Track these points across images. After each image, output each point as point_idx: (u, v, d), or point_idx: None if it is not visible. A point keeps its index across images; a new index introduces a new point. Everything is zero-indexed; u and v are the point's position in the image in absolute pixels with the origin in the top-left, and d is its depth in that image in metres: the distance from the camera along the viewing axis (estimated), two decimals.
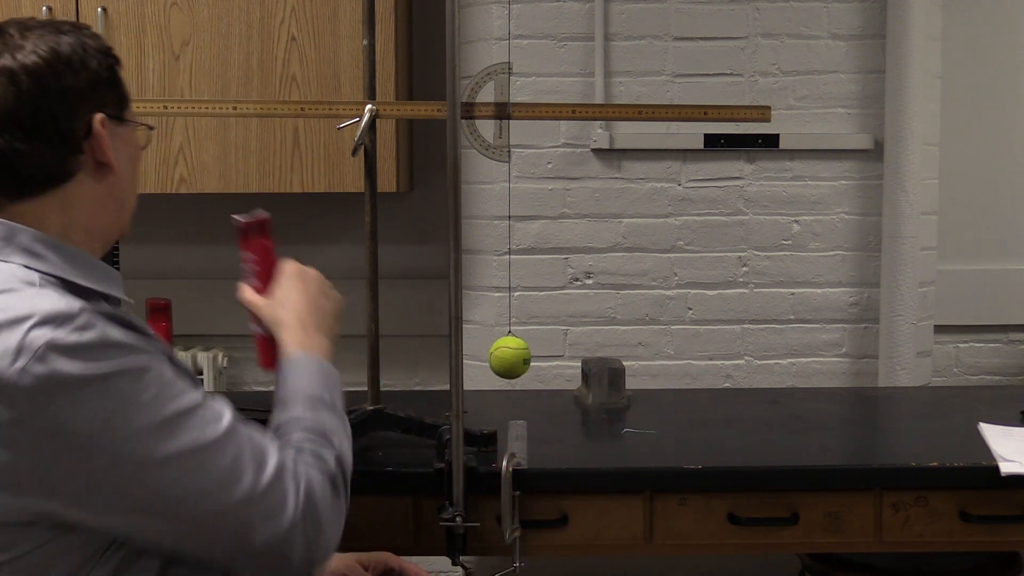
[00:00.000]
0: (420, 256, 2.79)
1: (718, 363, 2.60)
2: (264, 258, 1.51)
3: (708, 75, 2.55)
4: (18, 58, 1.13)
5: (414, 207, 2.79)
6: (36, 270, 1.13)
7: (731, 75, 2.55)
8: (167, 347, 1.19)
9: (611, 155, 2.55)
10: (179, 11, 2.40)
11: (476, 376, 2.31)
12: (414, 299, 2.76)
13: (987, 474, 1.71)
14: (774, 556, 2.48)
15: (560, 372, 2.57)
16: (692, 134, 2.54)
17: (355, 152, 1.76)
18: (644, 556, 2.52)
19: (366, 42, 1.80)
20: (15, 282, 1.09)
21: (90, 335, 1.04)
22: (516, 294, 2.56)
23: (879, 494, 1.74)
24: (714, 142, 2.55)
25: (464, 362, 1.63)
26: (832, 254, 2.59)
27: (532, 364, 1.89)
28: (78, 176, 1.17)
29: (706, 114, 1.89)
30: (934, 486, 1.73)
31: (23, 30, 1.15)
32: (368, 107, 1.77)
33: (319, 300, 1.45)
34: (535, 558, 1.84)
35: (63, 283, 1.13)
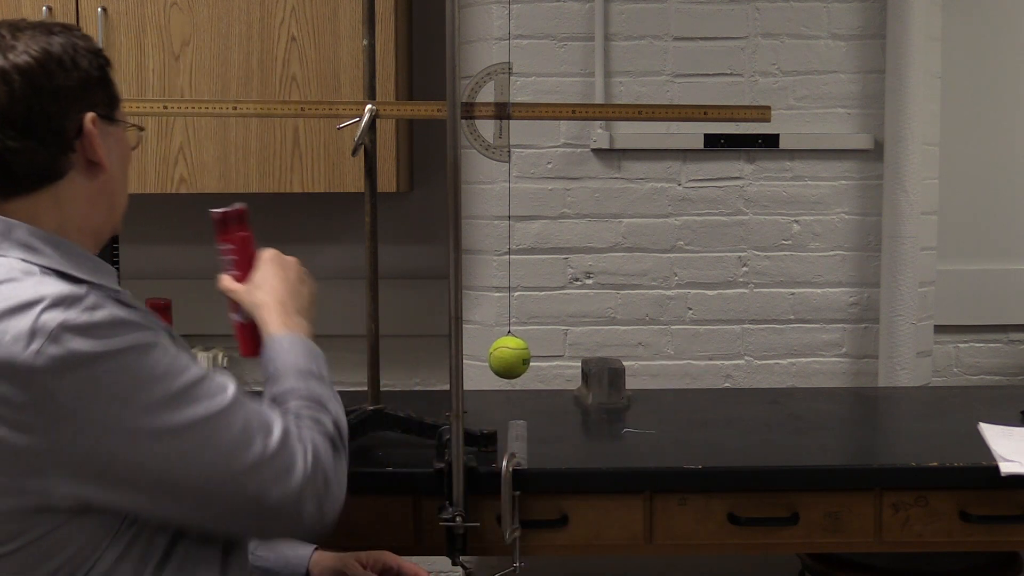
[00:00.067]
0: (420, 256, 2.79)
1: (718, 363, 2.60)
2: (243, 248, 1.54)
3: (708, 75, 2.55)
4: (10, 58, 1.15)
5: (414, 207, 2.79)
6: (34, 263, 1.14)
7: (731, 75, 2.55)
8: (167, 326, 1.22)
9: (611, 155, 2.55)
10: (179, 11, 2.40)
11: (476, 376, 2.31)
12: (414, 299, 2.76)
13: (987, 474, 1.71)
14: (774, 556, 2.48)
15: (560, 372, 2.57)
16: (692, 134, 2.54)
17: (355, 152, 1.77)
18: (644, 556, 2.53)
19: (366, 42, 1.81)
20: (16, 272, 1.12)
21: (100, 314, 1.08)
22: (516, 294, 2.56)
23: (879, 494, 1.74)
24: (714, 142, 2.55)
25: (464, 362, 1.63)
26: (832, 254, 2.59)
27: (532, 364, 1.89)
28: (70, 174, 1.19)
29: (706, 114, 1.89)
30: (934, 486, 1.73)
31: (15, 31, 1.18)
32: (368, 107, 1.77)
33: (297, 285, 1.50)
34: (535, 558, 1.84)
35: (61, 276, 1.15)
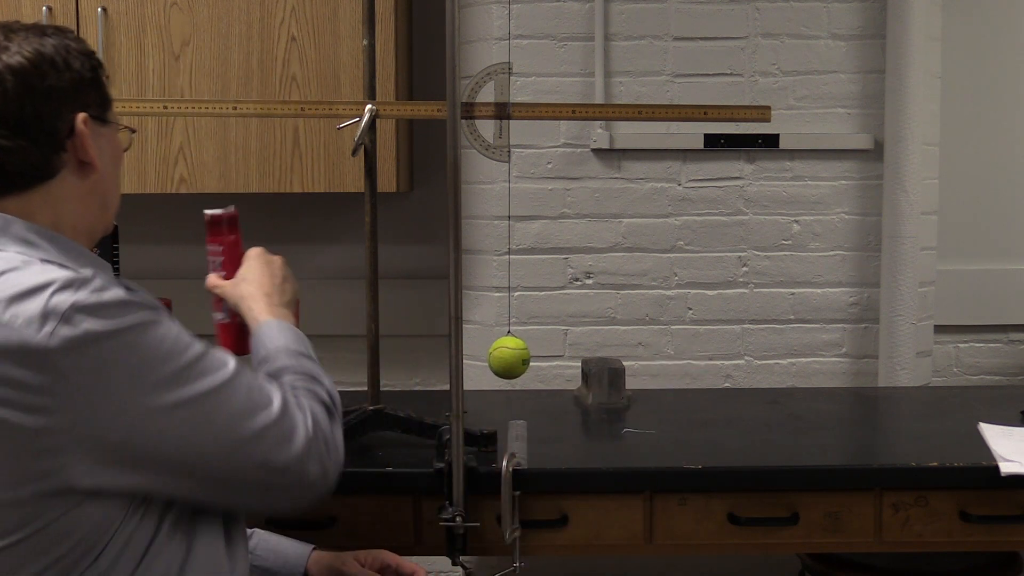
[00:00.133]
0: (420, 256, 2.79)
1: (718, 363, 2.60)
2: (231, 251, 1.61)
3: (708, 75, 2.55)
4: (3, 59, 1.16)
5: (414, 207, 2.79)
6: (33, 257, 1.15)
7: (731, 75, 2.55)
8: (165, 307, 1.24)
9: (611, 155, 2.55)
10: (179, 11, 2.40)
11: (476, 376, 2.31)
12: (414, 299, 2.76)
13: (987, 474, 1.71)
14: (774, 556, 2.48)
15: (560, 372, 2.57)
16: (692, 134, 2.54)
17: (355, 152, 1.77)
18: (644, 556, 2.53)
19: (366, 42, 1.81)
20: (17, 262, 1.13)
21: (109, 295, 1.10)
22: (516, 294, 2.56)
23: (879, 494, 1.74)
24: (714, 142, 2.55)
25: (464, 362, 1.63)
26: (832, 254, 2.59)
27: (532, 364, 1.89)
28: (62, 173, 1.21)
29: (706, 114, 1.89)
30: (934, 486, 1.73)
31: (8, 32, 1.19)
32: (368, 107, 1.77)
33: (281, 282, 1.55)
34: (535, 558, 1.84)
35: (61, 268, 1.16)
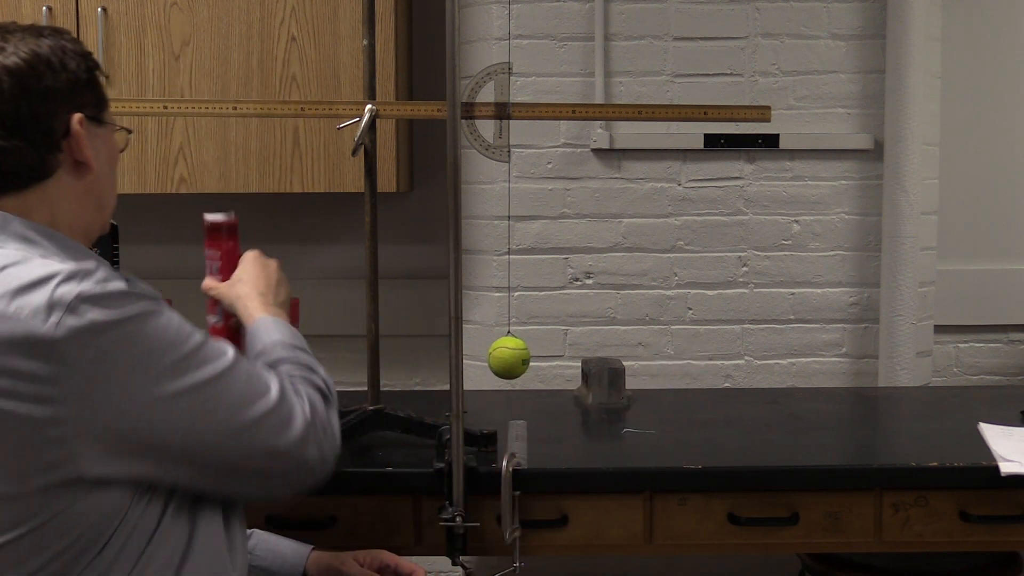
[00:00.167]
0: (420, 256, 2.79)
1: (718, 363, 2.60)
2: (228, 258, 1.63)
3: (708, 75, 2.55)
4: None
5: (414, 207, 2.79)
6: (32, 254, 1.16)
7: (731, 75, 2.55)
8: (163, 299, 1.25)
9: (611, 155, 2.55)
10: (179, 11, 2.40)
11: (476, 376, 2.31)
12: (414, 299, 2.76)
13: (987, 474, 1.71)
14: (774, 556, 2.48)
15: (560, 372, 2.57)
16: (692, 134, 2.54)
17: (355, 152, 1.77)
18: (644, 556, 2.53)
19: (366, 42, 1.81)
20: (18, 257, 1.13)
21: (112, 285, 1.11)
22: (516, 294, 2.56)
23: (879, 494, 1.74)
24: (714, 142, 2.55)
25: (464, 362, 1.63)
26: (832, 254, 2.59)
27: (532, 364, 1.89)
28: (58, 173, 1.22)
29: (706, 114, 1.89)
30: (934, 486, 1.73)
31: (4, 33, 1.20)
32: (368, 107, 1.77)
33: (275, 285, 1.58)
34: (535, 558, 1.84)
35: (61, 261, 1.16)
